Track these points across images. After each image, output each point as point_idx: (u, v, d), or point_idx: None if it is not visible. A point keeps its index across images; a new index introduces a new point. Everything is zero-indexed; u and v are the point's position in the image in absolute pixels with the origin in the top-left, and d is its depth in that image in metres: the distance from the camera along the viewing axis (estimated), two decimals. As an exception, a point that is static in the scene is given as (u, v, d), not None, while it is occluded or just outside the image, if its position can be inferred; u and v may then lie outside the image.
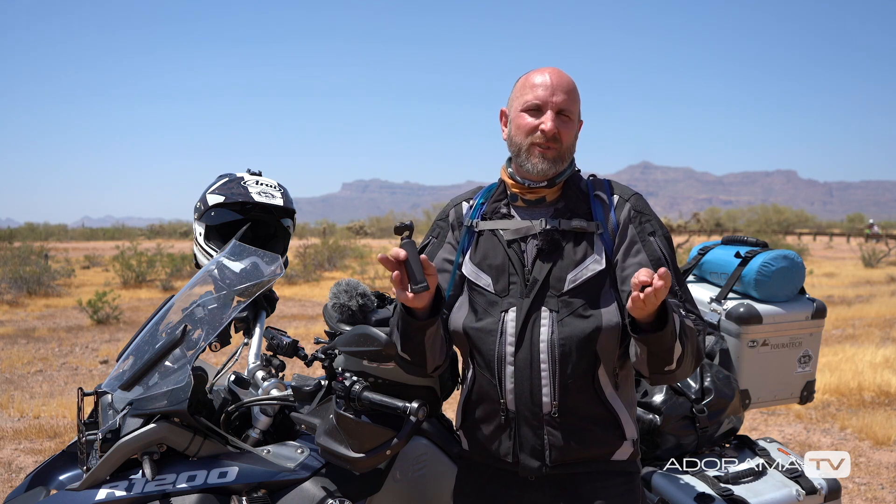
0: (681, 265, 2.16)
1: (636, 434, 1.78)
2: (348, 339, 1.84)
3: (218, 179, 2.34)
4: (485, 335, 1.73)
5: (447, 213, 1.90)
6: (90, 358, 8.49)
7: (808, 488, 2.31)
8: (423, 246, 1.91)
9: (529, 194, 1.78)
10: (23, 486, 1.80)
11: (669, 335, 1.53)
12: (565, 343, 1.67)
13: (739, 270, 2.55)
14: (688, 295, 1.74)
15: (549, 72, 1.75)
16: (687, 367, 1.64)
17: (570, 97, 1.73)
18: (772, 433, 5.50)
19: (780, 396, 2.62)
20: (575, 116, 1.76)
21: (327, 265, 21.17)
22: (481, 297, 1.75)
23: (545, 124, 1.70)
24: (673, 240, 1.81)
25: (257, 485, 1.78)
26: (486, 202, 1.84)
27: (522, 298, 1.70)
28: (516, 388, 1.69)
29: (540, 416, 1.68)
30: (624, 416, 1.73)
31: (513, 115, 1.78)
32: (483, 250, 1.78)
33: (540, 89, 1.72)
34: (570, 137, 1.75)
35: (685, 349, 1.59)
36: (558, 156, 1.73)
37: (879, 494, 4.33)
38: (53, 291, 15.29)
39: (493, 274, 1.75)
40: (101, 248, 34.71)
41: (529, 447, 1.70)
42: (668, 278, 1.43)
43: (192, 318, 1.91)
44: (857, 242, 38.42)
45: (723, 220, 61.15)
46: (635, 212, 1.76)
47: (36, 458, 4.94)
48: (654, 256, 1.72)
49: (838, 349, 8.25)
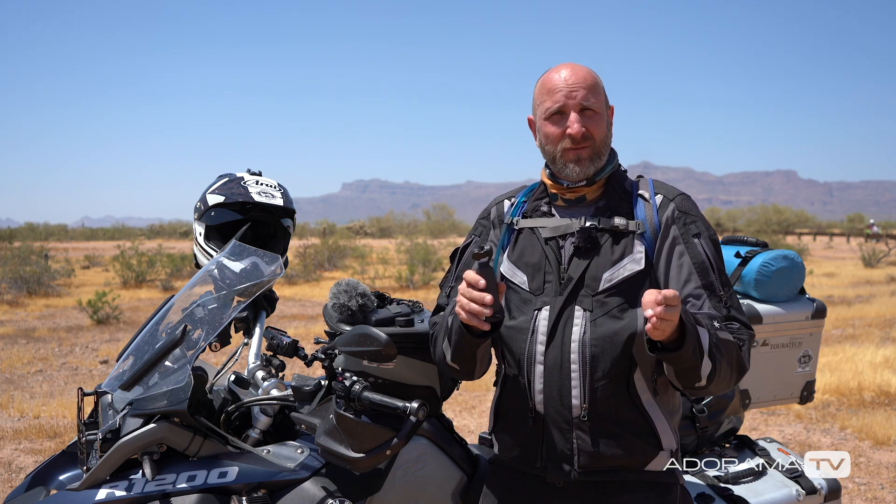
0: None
1: (675, 444, 1.69)
2: (348, 339, 1.83)
3: (218, 179, 2.34)
4: (517, 333, 1.68)
5: (489, 211, 1.87)
6: (90, 358, 8.49)
7: (808, 488, 2.31)
8: (466, 245, 1.88)
9: (569, 194, 1.73)
10: (23, 486, 1.80)
11: (690, 354, 1.46)
12: (597, 344, 1.61)
13: (739, 270, 2.55)
14: (734, 301, 1.66)
15: (565, 70, 1.68)
16: (723, 381, 1.56)
17: (590, 91, 1.66)
18: (772, 433, 5.50)
19: (780, 396, 2.62)
20: (601, 108, 1.69)
21: (327, 265, 21.17)
22: (516, 296, 1.71)
23: (571, 128, 1.65)
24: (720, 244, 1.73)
25: (257, 485, 1.78)
26: (528, 200, 1.80)
27: (556, 297, 1.66)
28: (545, 389, 1.64)
29: (569, 418, 1.63)
30: (661, 425, 1.66)
31: (539, 123, 1.73)
32: (521, 248, 1.75)
33: (557, 93, 1.66)
34: (602, 131, 1.68)
35: (717, 365, 1.51)
36: (593, 153, 1.68)
37: (879, 494, 4.33)
38: (53, 291, 15.29)
39: (528, 272, 1.71)
40: (101, 248, 34.71)
41: (558, 451, 1.64)
42: (674, 300, 1.37)
43: (192, 318, 1.91)
44: (857, 242, 38.42)
45: (723, 220, 61.16)
46: (679, 212, 1.69)
47: (36, 458, 4.94)
48: (698, 259, 1.65)
49: (838, 349, 8.26)
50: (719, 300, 1.63)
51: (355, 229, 50.89)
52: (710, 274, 1.65)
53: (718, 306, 1.63)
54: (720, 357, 1.52)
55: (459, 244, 1.96)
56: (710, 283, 1.64)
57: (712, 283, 1.64)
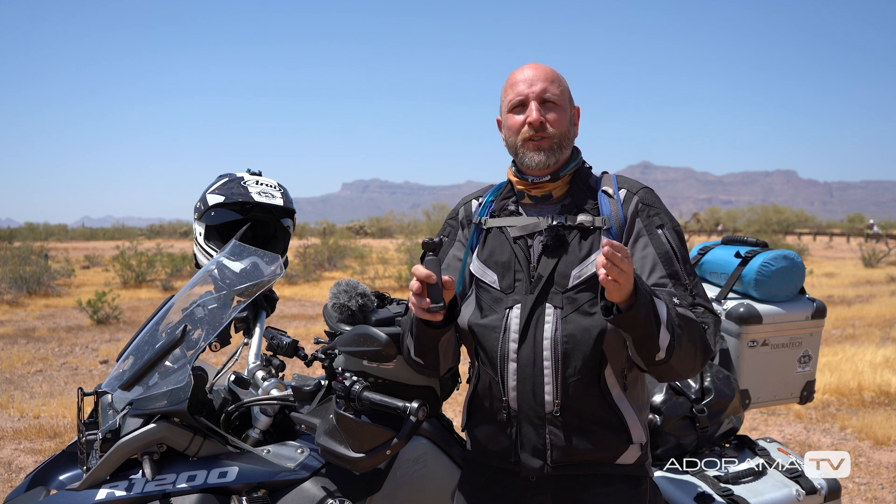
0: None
1: (644, 438, 1.73)
2: (348, 339, 1.83)
3: (218, 179, 2.34)
4: (489, 332, 1.72)
5: (457, 211, 1.90)
6: (90, 358, 8.49)
7: (808, 488, 2.31)
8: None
9: (535, 190, 1.77)
10: (23, 486, 1.80)
11: (643, 317, 1.48)
12: (568, 340, 1.65)
13: (739, 270, 2.55)
14: (699, 289, 1.70)
15: (528, 67, 1.75)
16: (686, 358, 1.59)
17: (552, 84, 1.72)
18: (772, 433, 5.50)
19: (780, 396, 2.62)
20: (563, 101, 1.74)
21: (327, 265, 21.17)
22: (487, 294, 1.75)
23: (530, 115, 1.70)
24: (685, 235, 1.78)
25: (257, 485, 1.78)
26: (495, 200, 1.84)
27: (527, 295, 1.69)
28: (519, 386, 1.67)
29: (542, 414, 1.66)
30: (631, 419, 1.69)
31: (503, 118, 1.79)
32: (490, 247, 1.78)
33: (520, 85, 1.73)
34: (562, 124, 1.73)
35: (676, 338, 1.54)
36: (553, 144, 1.72)
37: (879, 494, 4.33)
38: (53, 291, 15.29)
39: (499, 271, 1.74)
40: (101, 248, 34.72)
41: (531, 446, 1.68)
42: (621, 248, 1.41)
43: (192, 318, 1.91)
44: (857, 242, 38.43)
45: (723, 220, 61.20)
46: (643, 205, 1.73)
47: (36, 458, 4.94)
48: (662, 250, 1.69)
49: (838, 349, 8.26)
50: (685, 288, 1.67)
51: (355, 229, 50.90)
52: (674, 263, 1.69)
53: (684, 294, 1.66)
54: (680, 332, 1.55)
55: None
56: (675, 272, 1.68)
57: (677, 272, 1.68)
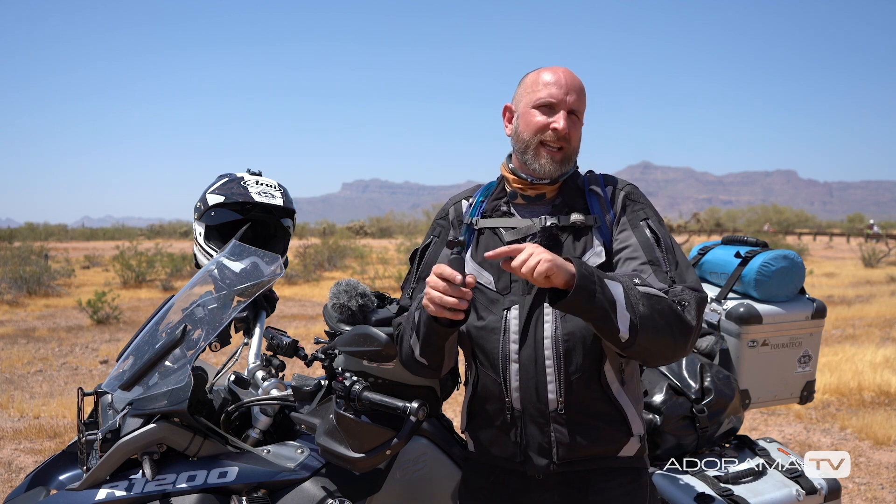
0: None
1: (643, 430, 1.77)
2: (348, 339, 1.83)
3: (218, 179, 2.34)
4: (488, 334, 1.72)
5: (447, 212, 1.90)
6: (90, 358, 8.49)
7: (808, 488, 2.31)
8: (426, 246, 1.90)
9: (531, 190, 1.77)
10: (23, 486, 1.80)
11: (586, 298, 1.47)
12: (569, 339, 1.66)
13: (739, 270, 2.55)
14: (683, 275, 1.68)
15: (562, 71, 1.74)
16: (659, 339, 1.55)
17: (580, 98, 1.73)
18: (772, 433, 5.50)
19: (780, 396, 2.62)
20: (583, 118, 1.76)
21: (327, 265, 21.16)
22: (483, 296, 1.75)
23: (557, 123, 1.69)
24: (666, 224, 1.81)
25: (257, 485, 1.78)
26: (486, 200, 1.84)
27: (524, 295, 1.70)
28: (522, 386, 1.68)
29: (546, 413, 1.67)
30: (630, 412, 1.72)
31: (521, 110, 1.76)
32: (484, 248, 1.77)
33: (554, 87, 1.71)
34: (578, 139, 1.75)
35: (640, 317, 1.52)
36: (566, 157, 1.74)
37: (879, 494, 4.33)
38: (53, 291, 15.29)
39: (494, 272, 1.74)
40: (101, 248, 34.71)
41: (536, 445, 1.69)
42: (508, 250, 1.48)
43: (192, 318, 1.91)
44: (857, 242, 38.42)
45: (723, 220, 61.19)
46: (629, 200, 1.77)
47: (36, 458, 4.94)
48: (643, 239, 1.71)
49: (838, 349, 8.26)
50: (665, 274, 1.67)
51: (355, 229, 50.90)
52: (654, 251, 1.70)
53: (664, 278, 1.66)
54: (645, 311, 1.53)
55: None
56: (655, 259, 1.69)
57: (657, 259, 1.69)
